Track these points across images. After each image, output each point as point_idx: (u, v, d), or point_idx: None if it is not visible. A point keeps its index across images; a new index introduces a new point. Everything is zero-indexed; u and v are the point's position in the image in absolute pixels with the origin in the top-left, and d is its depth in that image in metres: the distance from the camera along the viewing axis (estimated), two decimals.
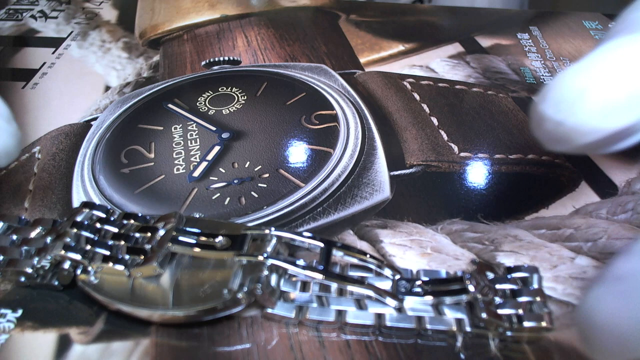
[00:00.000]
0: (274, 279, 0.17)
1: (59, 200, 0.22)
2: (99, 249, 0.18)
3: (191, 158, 0.24)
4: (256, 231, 0.18)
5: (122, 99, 0.28)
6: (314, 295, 0.18)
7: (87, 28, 0.36)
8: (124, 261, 0.18)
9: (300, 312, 0.17)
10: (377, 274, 0.18)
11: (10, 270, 0.18)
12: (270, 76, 0.29)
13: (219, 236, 0.18)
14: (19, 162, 0.25)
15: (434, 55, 0.31)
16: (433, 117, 0.26)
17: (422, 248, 0.20)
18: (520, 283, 0.17)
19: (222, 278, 0.17)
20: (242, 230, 0.18)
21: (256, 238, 0.18)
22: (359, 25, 0.35)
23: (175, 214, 0.18)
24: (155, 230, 0.18)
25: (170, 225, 0.18)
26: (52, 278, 0.18)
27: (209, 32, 0.34)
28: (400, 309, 0.17)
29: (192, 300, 0.17)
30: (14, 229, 0.19)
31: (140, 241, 0.18)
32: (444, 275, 0.18)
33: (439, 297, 0.17)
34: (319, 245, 0.18)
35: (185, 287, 0.18)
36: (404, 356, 0.17)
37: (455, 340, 0.17)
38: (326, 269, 0.17)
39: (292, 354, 0.17)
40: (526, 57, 0.31)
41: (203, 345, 0.17)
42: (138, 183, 0.23)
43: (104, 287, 0.18)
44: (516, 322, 0.16)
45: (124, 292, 0.17)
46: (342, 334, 0.17)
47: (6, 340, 0.17)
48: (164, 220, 0.18)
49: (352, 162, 0.24)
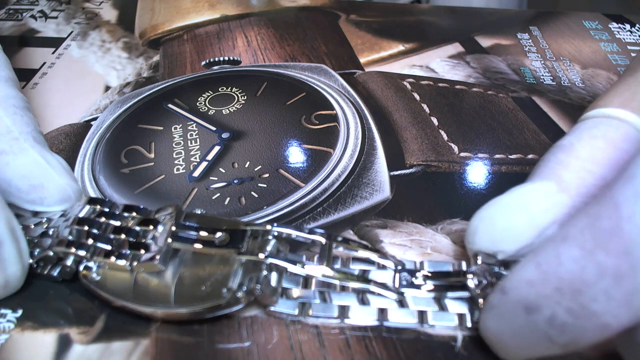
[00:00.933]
0: (275, 277, 0.17)
1: None
2: (101, 244, 0.18)
3: (191, 158, 0.24)
4: (256, 227, 0.18)
5: (122, 99, 0.28)
6: (317, 290, 0.18)
7: (87, 28, 0.36)
8: (126, 256, 0.18)
9: (303, 308, 0.17)
10: (380, 267, 0.18)
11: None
12: (270, 76, 0.29)
13: (219, 232, 0.18)
14: None
15: (434, 55, 0.31)
16: (433, 117, 0.26)
17: (422, 248, 0.20)
18: None
19: (223, 276, 0.17)
20: (242, 226, 0.18)
21: (256, 235, 0.18)
22: (359, 25, 0.35)
23: (174, 207, 0.18)
24: (156, 222, 0.18)
25: (169, 220, 0.18)
26: (52, 269, 0.18)
27: (209, 32, 0.34)
28: (401, 302, 0.17)
29: (193, 297, 0.17)
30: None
31: (141, 234, 0.18)
32: (450, 268, 0.18)
33: (440, 291, 0.17)
34: (320, 241, 0.18)
35: (187, 283, 0.18)
36: (404, 356, 0.17)
37: (455, 340, 0.17)
38: (327, 266, 0.17)
39: (292, 353, 0.17)
40: (526, 57, 0.31)
41: (203, 345, 0.17)
42: (138, 183, 0.23)
43: (107, 284, 0.18)
44: None
45: (126, 288, 0.18)
46: (344, 332, 0.17)
47: (6, 340, 0.17)
48: (163, 211, 0.18)
49: (352, 162, 0.24)
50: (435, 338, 0.17)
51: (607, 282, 0.12)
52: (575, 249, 0.13)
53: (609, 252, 0.12)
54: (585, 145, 0.18)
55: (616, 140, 0.17)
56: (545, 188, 0.17)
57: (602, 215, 0.13)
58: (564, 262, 0.13)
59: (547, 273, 0.13)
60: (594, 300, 0.13)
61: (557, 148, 0.18)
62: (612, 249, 0.12)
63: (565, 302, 0.13)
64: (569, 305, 0.13)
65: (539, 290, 0.14)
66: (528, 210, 0.17)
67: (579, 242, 0.13)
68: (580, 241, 0.13)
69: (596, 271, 0.13)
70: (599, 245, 0.13)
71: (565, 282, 0.13)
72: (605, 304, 0.13)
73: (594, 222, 0.13)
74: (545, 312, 0.13)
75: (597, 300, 0.13)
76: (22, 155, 0.19)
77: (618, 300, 0.12)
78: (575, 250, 0.13)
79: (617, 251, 0.12)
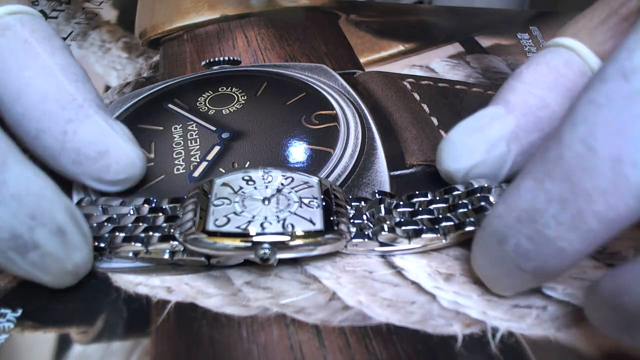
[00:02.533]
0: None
1: None
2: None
3: (191, 158, 0.24)
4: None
5: (122, 99, 0.28)
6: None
7: (87, 28, 0.36)
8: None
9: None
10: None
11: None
12: (270, 76, 0.29)
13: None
14: None
15: (434, 55, 0.31)
16: (433, 117, 0.26)
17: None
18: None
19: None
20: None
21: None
22: (359, 25, 0.35)
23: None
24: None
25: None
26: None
27: (209, 32, 0.34)
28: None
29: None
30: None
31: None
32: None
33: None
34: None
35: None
36: (404, 356, 0.17)
37: (455, 340, 0.17)
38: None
39: (292, 354, 0.17)
40: (526, 57, 0.31)
41: (203, 345, 0.17)
42: (138, 183, 0.23)
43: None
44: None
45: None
46: (344, 332, 0.17)
47: (6, 340, 0.17)
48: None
49: (352, 162, 0.24)
50: (435, 338, 0.17)
51: (555, 208, 0.14)
52: (529, 180, 0.14)
53: (554, 179, 0.14)
54: (531, 71, 0.20)
55: (558, 66, 0.20)
56: (494, 111, 0.20)
57: (550, 147, 0.14)
58: (521, 194, 0.15)
59: (509, 205, 0.15)
60: (547, 226, 0.14)
61: (512, 75, 0.21)
62: (556, 176, 0.14)
63: (525, 230, 0.15)
64: (528, 233, 0.14)
65: (506, 221, 0.15)
66: (480, 131, 0.20)
67: (532, 174, 0.14)
68: (533, 173, 0.14)
69: (545, 198, 0.14)
70: (546, 174, 0.14)
71: (524, 212, 0.14)
72: (556, 229, 0.14)
73: (543, 153, 0.14)
74: (511, 241, 0.15)
75: (549, 226, 0.14)
76: (88, 122, 0.20)
77: (566, 224, 0.14)
78: (529, 181, 0.14)
79: (560, 177, 0.14)
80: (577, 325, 0.17)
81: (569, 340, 0.17)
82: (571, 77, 0.20)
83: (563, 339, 0.17)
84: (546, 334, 0.17)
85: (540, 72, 0.20)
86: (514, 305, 0.18)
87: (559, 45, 0.21)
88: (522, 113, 0.20)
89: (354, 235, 0.19)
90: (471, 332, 0.17)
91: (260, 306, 0.18)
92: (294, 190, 0.20)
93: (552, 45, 0.21)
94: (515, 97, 0.20)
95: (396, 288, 0.18)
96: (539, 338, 0.17)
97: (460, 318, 0.17)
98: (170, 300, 0.18)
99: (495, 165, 0.20)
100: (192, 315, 0.18)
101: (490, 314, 0.17)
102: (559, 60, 0.20)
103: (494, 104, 0.21)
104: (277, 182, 0.20)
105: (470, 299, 0.18)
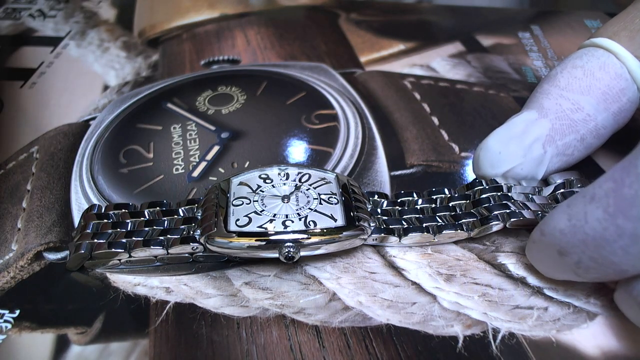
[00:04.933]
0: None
1: (57, 200, 0.22)
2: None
3: (190, 158, 0.24)
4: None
5: (121, 98, 0.28)
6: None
7: (85, 27, 0.35)
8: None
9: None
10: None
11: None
12: (270, 75, 0.29)
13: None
14: (17, 162, 0.24)
15: (434, 55, 0.31)
16: (434, 117, 0.26)
17: (422, 249, 0.20)
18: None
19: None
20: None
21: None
22: (359, 24, 0.34)
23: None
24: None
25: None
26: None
27: (208, 31, 0.34)
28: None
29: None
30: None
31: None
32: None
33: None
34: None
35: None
36: (404, 356, 0.16)
37: (456, 341, 0.17)
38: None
39: (292, 354, 0.16)
40: (527, 56, 0.31)
41: (202, 345, 0.17)
42: (137, 183, 0.23)
43: None
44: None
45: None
46: (344, 333, 0.17)
47: (3, 341, 0.17)
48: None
49: (352, 162, 0.23)
50: (436, 338, 0.17)
51: (625, 241, 0.14)
52: (600, 211, 0.15)
53: (627, 217, 0.14)
54: (565, 75, 0.21)
55: (593, 69, 0.20)
56: (529, 116, 0.21)
57: (625, 183, 0.14)
58: (589, 221, 0.15)
59: (575, 227, 0.15)
60: (614, 254, 0.15)
61: (546, 78, 0.22)
62: (630, 215, 0.14)
63: (589, 252, 0.15)
64: (592, 255, 0.15)
65: (569, 239, 0.16)
66: (517, 138, 0.20)
67: (604, 205, 0.15)
68: (604, 204, 0.15)
69: (616, 232, 0.14)
70: (620, 210, 0.14)
71: (590, 237, 0.15)
72: (623, 257, 0.15)
73: (618, 188, 0.14)
74: (573, 257, 0.16)
75: (616, 254, 0.15)
76: None
77: (634, 255, 0.14)
78: (600, 212, 0.15)
79: (634, 217, 0.14)
80: (578, 326, 0.17)
81: (570, 340, 0.17)
82: (606, 81, 0.20)
83: (564, 340, 0.17)
84: (547, 335, 0.17)
85: (574, 76, 0.21)
86: (515, 306, 0.18)
87: (596, 46, 0.21)
88: (556, 117, 0.20)
89: (373, 230, 0.19)
90: (472, 333, 0.17)
91: (259, 307, 0.18)
92: (312, 187, 0.20)
93: (590, 46, 0.21)
94: (549, 101, 0.21)
95: (397, 289, 0.18)
96: (540, 339, 0.17)
97: (461, 319, 0.17)
98: (169, 301, 0.18)
99: (532, 167, 0.20)
100: (191, 316, 0.18)
101: (491, 314, 0.17)
102: (595, 63, 0.20)
103: (527, 108, 0.21)
104: (294, 179, 0.20)
105: (471, 300, 0.18)
